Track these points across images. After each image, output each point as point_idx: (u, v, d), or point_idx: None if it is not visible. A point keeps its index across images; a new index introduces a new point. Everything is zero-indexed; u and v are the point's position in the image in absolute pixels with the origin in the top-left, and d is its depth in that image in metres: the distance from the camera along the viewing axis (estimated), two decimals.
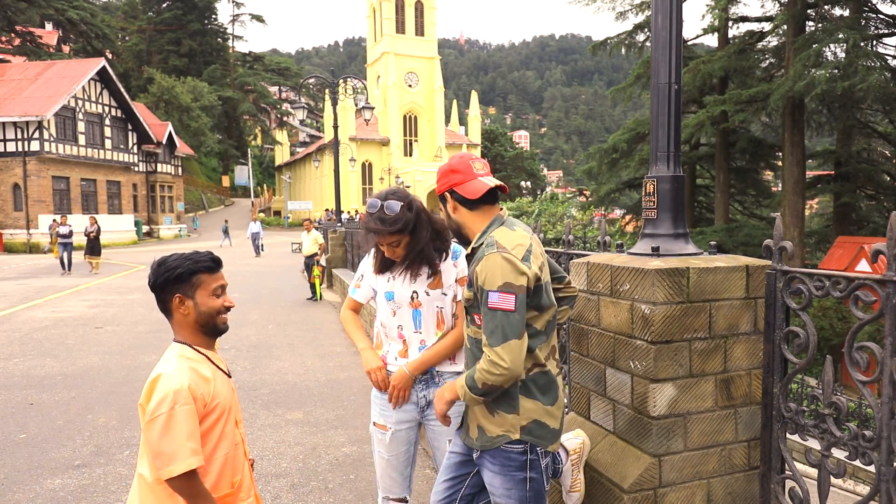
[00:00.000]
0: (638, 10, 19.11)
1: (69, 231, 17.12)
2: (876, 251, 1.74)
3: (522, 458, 1.92)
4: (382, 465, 2.42)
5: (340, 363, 6.87)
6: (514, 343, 1.79)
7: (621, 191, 22.61)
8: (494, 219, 2.00)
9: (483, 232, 1.98)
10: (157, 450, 1.62)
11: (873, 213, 19.23)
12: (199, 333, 1.81)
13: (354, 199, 48.38)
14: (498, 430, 1.93)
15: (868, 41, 14.03)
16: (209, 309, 1.79)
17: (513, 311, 1.79)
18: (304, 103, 28.25)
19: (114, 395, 5.60)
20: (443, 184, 2.04)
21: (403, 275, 2.31)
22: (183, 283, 1.77)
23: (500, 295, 1.80)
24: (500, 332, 1.79)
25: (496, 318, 1.80)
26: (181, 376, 1.68)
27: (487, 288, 1.82)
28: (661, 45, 2.32)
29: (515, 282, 1.81)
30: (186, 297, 1.77)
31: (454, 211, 2.04)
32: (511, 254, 1.84)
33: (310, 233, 12.68)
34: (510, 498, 1.93)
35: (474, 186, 1.97)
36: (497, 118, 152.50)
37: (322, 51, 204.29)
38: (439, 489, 2.15)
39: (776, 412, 2.14)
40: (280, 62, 70.68)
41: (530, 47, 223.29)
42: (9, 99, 27.59)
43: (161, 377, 1.68)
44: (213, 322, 1.81)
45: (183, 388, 1.65)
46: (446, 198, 2.04)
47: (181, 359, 1.75)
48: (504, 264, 1.82)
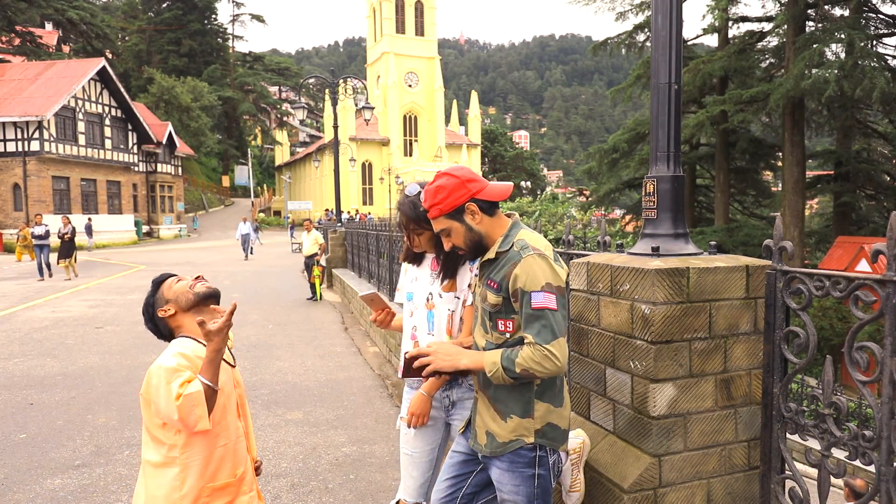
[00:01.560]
0: (638, 10, 19.13)
1: (45, 231, 15.64)
2: (876, 251, 1.74)
3: (532, 455, 1.93)
4: (405, 463, 2.41)
5: (340, 363, 6.87)
6: (562, 340, 1.81)
7: (621, 191, 22.63)
8: (514, 223, 1.98)
9: (505, 236, 1.95)
10: (173, 416, 1.71)
11: (873, 213, 19.25)
12: (192, 317, 1.94)
13: (354, 199, 48.40)
14: (510, 434, 1.92)
15: (868, 41, 14.04)
16: (183, 296, 1.95)
17: (556, 310, 1.81)
18: (304, 103, 28.21)
19: (114, 395, 5.60)
20: (462, 195, 1.91)
21: (428, 273, 2.30)
22: (157, 297, 1.99)
23: (545, 294, 1.81)
24: (549, 329, 1.79)
25: (543, 316, 1.80)
26: (171, 359, 1.79)
27: (530, 289, 1.81)
28: (661, 45, 2.32)
29: (555, 282, 1.83)
30: (167, 310, 1.96)
31: (478, 222, 1.94)
32: (546, 255, 1.86)
33: (310, 233, 12.69)
34: (518, 495, 1.93)
35: (498, 189, 1.96)
36: (497, 118, 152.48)
37: (322, 51, 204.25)
38: (441, 487, 2.15)
39: (776, 412, 2.14)
40: (280, 62, 70.72)
41: (530, 47, 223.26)
42: (9, 99, 27.59)
43: (155, 364, 1.80)
44: (190, 296, 1.95)
45: (171, 364, 1.77)
46: (468, 209, 1.92)
47: (176, 348, 1.87)
48: (543, 265, 1.83)
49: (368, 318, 6.86)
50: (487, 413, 1.98)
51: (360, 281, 11.00)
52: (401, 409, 2.44)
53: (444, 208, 1.92)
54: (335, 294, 12.91)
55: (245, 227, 22.53)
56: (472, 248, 1.98)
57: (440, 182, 1.94)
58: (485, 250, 1.98)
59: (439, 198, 1.92)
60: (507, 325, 1.91)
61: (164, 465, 1.81)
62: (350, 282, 11.11)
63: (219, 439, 1.86)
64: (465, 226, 1.94)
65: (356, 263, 12.17)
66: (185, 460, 1.81)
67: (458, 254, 2.12)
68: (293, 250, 24.26)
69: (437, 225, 1.97)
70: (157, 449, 1.82)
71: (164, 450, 1.81)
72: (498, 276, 1.90)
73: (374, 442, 4.44)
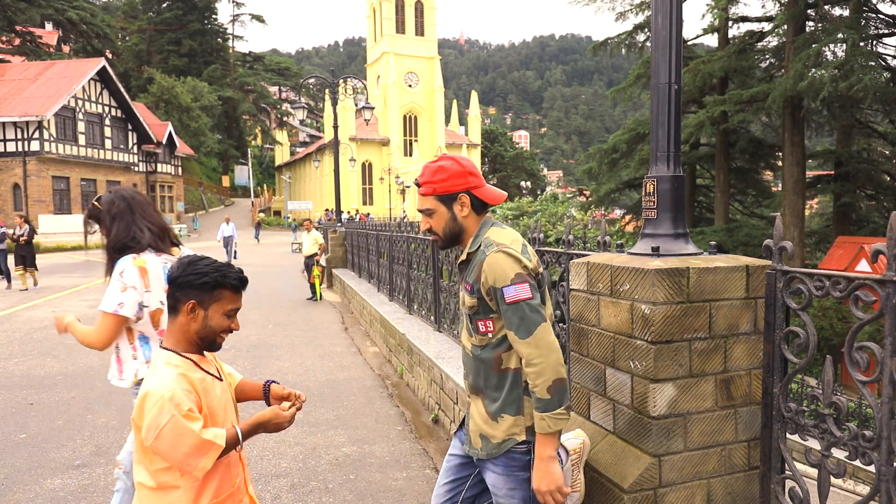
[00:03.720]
0: (638, 10, 19.11)
1: (1, 234, 13.88)
2: (876, 251, 1.74)
3: (526, 459, 1.92)
4: None
5: (340, 363, 6.87)
6: (541, 328, 1.80)
7: (621, 191, 22.60)
8: (483, 222, 1.98)
9: (475, 236, 1.95)
10: (178, 458, 1.59)
11: (873, 213, 19.23)
12: (193, 344, 1.75)
13: (354, 199, 48.40)
14: (503, 434, 1.92)
15: (868, 41, 14.04)
16: (216, 326, 1.73)
17: (531, 298, 1.81)
18: (304, 103, 28.17)
19: (114, 395, 5.60)
20: (460, 184, 1.91)
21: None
22: (204, 293, 1.70)
23: (516, 287, 1.81)
24: (525, 324, 1.80)
25: (519, 309, 1.80)
26: (170, 384, 1.62)
27: (500, 285, 1.82)
28: (661, 45, 2.32)
29: (523, 270, 1.83)
30: (201, 307, 1.71)
31: (464, 216, 1.94)
32: (510, 248, 1.85)
33: (310, 233, 12.69)
34: (513, 498, 1.93)
35: (494, 192, 1.97)
36: (497, 118, 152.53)
37: (322, 51, 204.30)
38: (440, 492, 2.15)
39: (776, 412, 2.14)
40: (280, 62, 70.81)
41: (530, 47, 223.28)
42: (9, 99, 27.60)
43: (151, 392, 1.61)
44: (213, 339, 1.76)
45: (175, 392, 1.60)
46: (459, 199, 1.92)
47: (167, 366, 1.68)
48: (507, 259, 1.83)
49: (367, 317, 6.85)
50: (480, 416, 1.98)
51: (359, 281, 11.00)
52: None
53: (438, 189, 1.92)
54: (335, 294, 12.91)
55: (228, 228, 20.07)
56: (448, 238, 1.98)
57: (444, 164, 1.94)
58: (457, 244, 1.99)
59: (438, 178, 1.92)
60: (488, 325, 1.91)
61: (160, 490, 1.67)
62: (350, 282, 11.11)
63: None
64: (451, 214, 1.94)
65: (356, 263, 12.18)
66: (187, 481, 1.67)
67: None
68: (293, 250, 24.25)
69: (423, 202, 1.96)
70: (152, 473, 1.67)
71: (160, 475, 1.66)
72: (471, 278, 1.91)
73: (374, 442, 4.44)
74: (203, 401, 1.69)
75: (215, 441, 1.62)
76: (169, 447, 1.57)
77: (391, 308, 7.61)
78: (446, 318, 5.59)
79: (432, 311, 6.04)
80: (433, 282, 5.92)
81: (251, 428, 1.77)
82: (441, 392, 4.61)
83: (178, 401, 1.59)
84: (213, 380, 1.79)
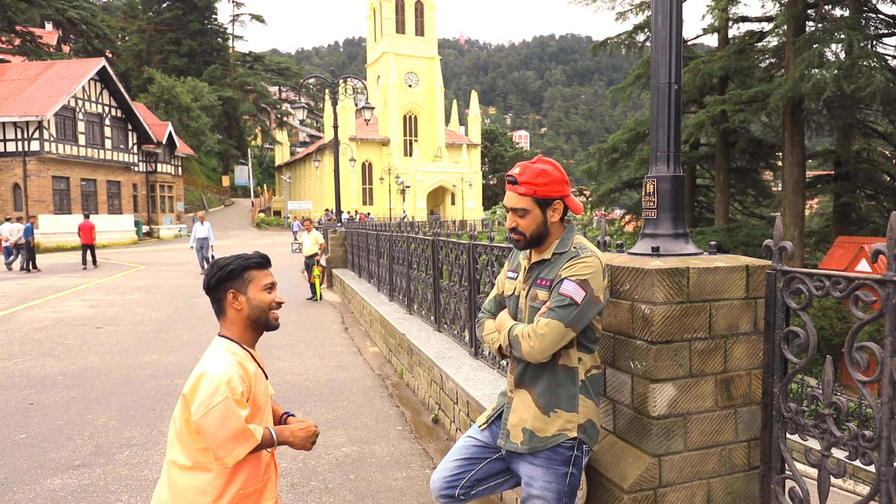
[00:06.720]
0: (638, 10, 19.13)
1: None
2: (876, 251, 1.74)
3: (569, 454, 1.97)
4: None
5: (340, 363, 6.87)
6: (561, 328, 1.85)
7: (621, 191, 22.62)
8: (571, 227, 2.04)
9: (563, 239, 2.00)
10: (220, 439, 1.69)
11: (873, 213, 19.23)
12: (250, 330, 1.88)
13: (354, 199, 48.42)
14: (553, 428, 1.96)
15: (868, 41, 14.04)
16: (261, 303, 1.86)
17: (577, 305, 1.85)
18: (304, 103, 28.17)
19: (114, 395, 5.60)
20: (559, 190, 1.97)
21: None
22: (235, 280, 1.84)
23: (576, 286, 1.86)
24: (556, 313, 1.85)
25: (563, 302, 1.86)
26: (229, 369, 1.74)
27: (566, 276, 1.88)
28: (661, 45, 2.32)
29: (594, 283, 1.88)
30: (239, 292, 1.84)
31: (553, 221, 1.99)
32: (602, 260, 1.94)
33: (310, 233, 12.69)
34: (549, 491, 1.97)
35: (579, 204, 2.04)
36: (497, 118, 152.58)
37: (322, 51, 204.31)
38: (448, 466, 2.16)
39: (776, 412, 2.14)
40: (280, 62, 70.78)
41: (530, 47, 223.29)
42: (9, 99, 27.58)
43: (209, 372, 1.72)
44: (266, 317, 1.88)
45: (233, 377, 1.72)
46: (552, 205, 1.97)
47: (227, 353, 1.80)
48: (595, 266, 1.90)
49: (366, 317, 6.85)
50: (528, 410, 2.01)
51: (360, 281, 11.00)
52: None
53: (539, 192, 1.95)
54: (335, 294, 12.91)
55: (202, 228, 16.05)
56: (533, 240, 2.00)
57: (547, 168, 1.97)
58: (536, 247, 2.02)
59: (540, 181, 1.95)
60: None
61: (193, 469, 1.76)
62: (350, 282, 11.11)
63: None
64: (544, 217, 1.98)
65: (356, 263, 12.18)
66: (219, 466, 1.75)
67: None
68: (293, 250, 24.25)
69: (519, 201, 1.97)
70: (189, 452, 1.76)
71: (197, 454, 1.75)
72: (551, 275, 1.95)
73: (374, 442, 4.44)
74: (252, 391, 1.80)
75: (254, 433, 1.73)
76: (215, 426, 1.67)
77: (391, 308, 7.61)
78: (446, 318, 5.58)
79: (432, 311, 6.04)
80: (433, 282, 5.91)
81: (285, 434, 1.88)
82: (441, 392, 4.61)
83: (234, 385, 1.71)
84: (262, 375, 1.90)
